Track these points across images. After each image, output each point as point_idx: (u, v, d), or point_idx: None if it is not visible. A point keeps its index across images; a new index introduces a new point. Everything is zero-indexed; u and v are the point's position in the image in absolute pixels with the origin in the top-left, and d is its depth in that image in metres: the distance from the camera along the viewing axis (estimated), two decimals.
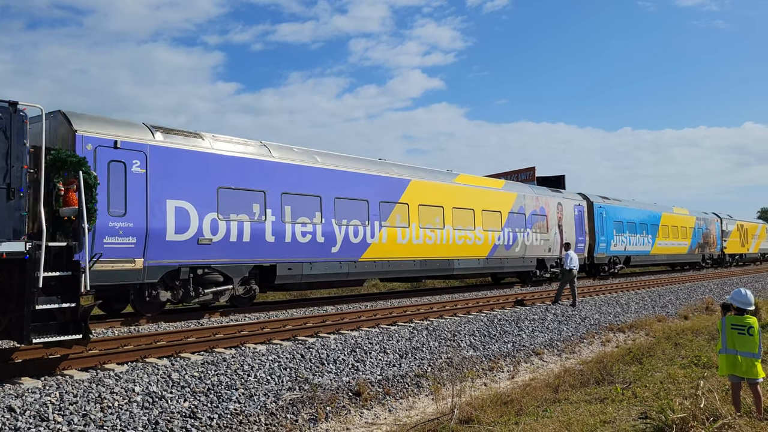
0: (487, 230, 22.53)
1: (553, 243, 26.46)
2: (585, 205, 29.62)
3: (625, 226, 32.56)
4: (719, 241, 46.88)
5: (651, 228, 35.70)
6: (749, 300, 6.75)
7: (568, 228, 27.63)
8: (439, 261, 20.31)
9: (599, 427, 6.73)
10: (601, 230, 30.02)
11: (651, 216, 36.28)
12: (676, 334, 14.37)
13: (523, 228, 24.61)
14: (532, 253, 25.20)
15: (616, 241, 31.44)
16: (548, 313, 16.23)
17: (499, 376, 11.24)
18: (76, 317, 7.87)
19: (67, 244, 8.00)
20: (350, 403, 8.82)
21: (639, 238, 34.19)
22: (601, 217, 30.37)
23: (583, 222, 28.93)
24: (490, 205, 23.10)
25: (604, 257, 30.60)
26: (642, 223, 34.69)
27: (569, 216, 27.93)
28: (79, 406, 7.01)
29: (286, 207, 15.57)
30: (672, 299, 22.01)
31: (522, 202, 24.95)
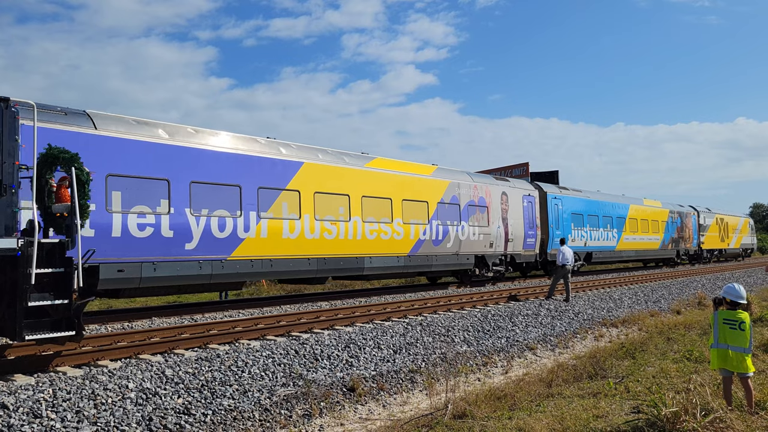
0: (409, 223, 19.67)
1: (496, 237, 23.74)
2: (537, 195, 26.94)
3: (585, 219, 29.94)
4: (696, 235, 44.01)
5: (617, 221, 33.08)
6: (742, 294, 6.80)
7: (515, 221, 25.01)
8: (343, 259, 17.38)
9: (592, 421, 6.76)
10: (556, 223, 27.45)
11: (617, 208, 33.64)
12: (668, 329, 14.45)
13: (457, 220, 21.71)
14: (469, 249, 22.26)
15: (574, 236, 28.71)
16: (542, 309, 16.29)
17: (493, 372, 11.28)
18: (69, 314, 7.85)
19: (59, 241, 7.97)
20: (344, 399, 8.83)
21: (602, 233, 31.49)
22: (556, 209, 27.76)
23: (533, 214, 26.27)
24: (414, 193, 20.12)
25: None
26: (606, 216, 32.04)
27: (517, 207, 25.26)
28: (73, 403, 7.00)
29: (114, 193, 12.56)
30: (665, 294, 22.12)
31: (456, 191, 21.94)
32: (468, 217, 22.32)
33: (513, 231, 24.70)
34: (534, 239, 26.26)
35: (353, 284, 24.58)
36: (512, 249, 24.76)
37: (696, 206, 45.21)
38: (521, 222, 25.40)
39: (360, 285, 25.02)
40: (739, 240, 54.27)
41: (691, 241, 42.94)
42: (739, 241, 54.25)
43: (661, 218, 38.52)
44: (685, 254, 42.63)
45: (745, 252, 56.55)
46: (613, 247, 32.58)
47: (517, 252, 25.12)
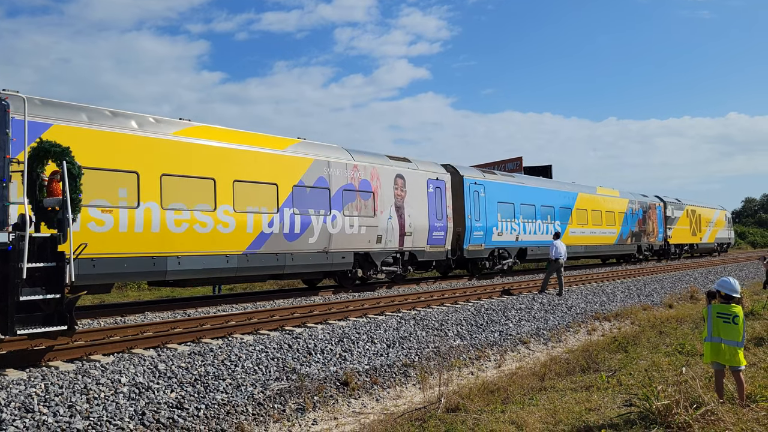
0: (244, 212, 15.28)
1: (387, 230, 19.44)
2: (448, 179, 22.56)
3: (517, 209, 25.98)
4: (661, 228, 40.03)
5: (560, 212, 29.10)
6: (736, 288, 6.83)
7: (416, 210, 20.64)
8: (128, 259, 12.93)
9: (584, 414, 6.79)
10: (476, 213, 23.36)
11: (560, 197, 29.54)
12: (660, 323, 14.52)
13: (326, 209, 17.49)
14: (345, 245, 18.03)
15: (501, 229, 24.78)
16: (535, 303, 16.33)
17: (486, 365, 11.31)
18: (61, 308, 7.81)
19: (51, 235, 7.92)
20: (338, 393, 8.84)
21: (540, 225, 27.48)
22: (477, 197, 23.55)
23: (443, 202, 21.93)
24: (254, 173, 15.66)
25: (482, 249, 23.78)
26: (546, 205, 28.04)
27: (419, 194, 20.85)
28: (65, 398, 6.97)
29: None
30: (657, 288, 22.22)
31: (323, 172, 17.59)
32: (343, 204, 18.04)
33: (413, 223, 20.35)
34: (443, 233, 21.85)
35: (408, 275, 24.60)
36: (412, 245, 20.45)
37: (663, 196, 41.57)
38: (425, 212, 21.01)
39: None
40: (714, 234, 50.07)
41: (655, 235, 39.06)
42: (714, 235, 50.07)
43: (618, 209, 34.62)
44: (649, 250, 38.61)
45: (720, 247, 52.30)
46: None
47: (419, 248, 20.83)
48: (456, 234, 22.70)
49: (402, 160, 20.90)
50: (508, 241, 25.31)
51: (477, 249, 23.50)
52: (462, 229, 22.84)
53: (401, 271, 20.46)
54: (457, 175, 23.26)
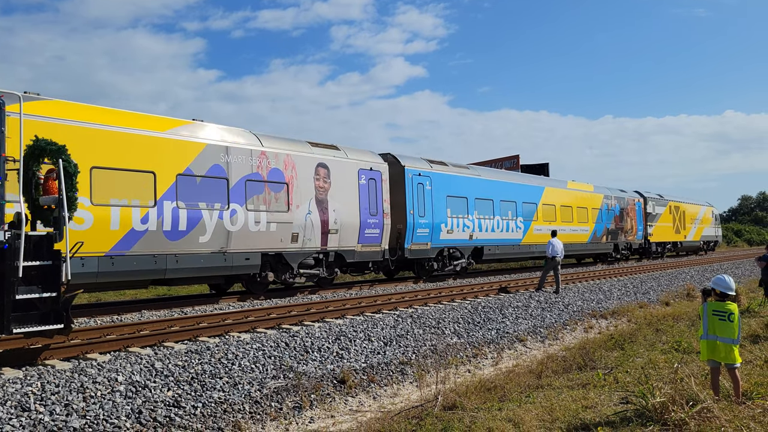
0: (107, 205, 12.68)
1: (305, 228, 16.91)
2: (385, 170, 19.94)
3: (471, 203, 23.40)
4: (641, 226, 37.49)
5: (524, 208, 26.72)
6: (731, 286, 6.85)
7: (344, 205, 18.13)
8: None
9: (581, 412, 6.80)
10: (420, 208, 20.81)
11: (523, 191, 27.03)
12: (657, 320, 14.55)
13: (223, 202, 14.87)
14: (250, 245, 15.47)
15: (452, 226, 22.22)
16: (532, 300, 16.35)
17: (483, 363, 11.32)
18: (57, 307, 7.80)
19: (47, 234, 7.90)
20: (335, 391, 8.84)
21: (500, 222, 24.93)
22: (422, 190, 20.99)
23: (378, 195, 19.39)
24: (120, 159, 13.06)
25: (428, 248, 21.23)
26: (506, 200, 25.59)
27: (348, 186, 18.35)
28: (62, 396, 6.96)
29: None
30: (654, 286, 22.26)
31: (219, 159, 14.94)
32: (246, 197, 15.48)
33: (339, 219, 17.88)
34: (379, 230, 19.25)
35: (343, 277, 24.49)
36: (338, 244, 17.96)
37: (644, 191, 39.10)
38: (355, 206, 18.51)
39: (351, 278, 24.96)
40: (700, 231, 47.18)
41: (634, 232, 36.50)
42: (700, 232, 47.17)
43: (592, 205, 32.15)
44: (627, 248, 36.18)
45: (707, 245, 49.55)
46: (518, 240, 26.25)
47: (348, 247, 18.34)
48: (396, 231, 20.25)
49: (327, 148, 18.30)
50: (460, 239, 22.72)
51: (421, 248, 20.94)
52: (403, 226, 20.28)
53: (326, 273, 17.93)
54: (398, 165, 20.69)
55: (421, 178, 21.22)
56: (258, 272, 16.10)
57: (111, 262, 12.68)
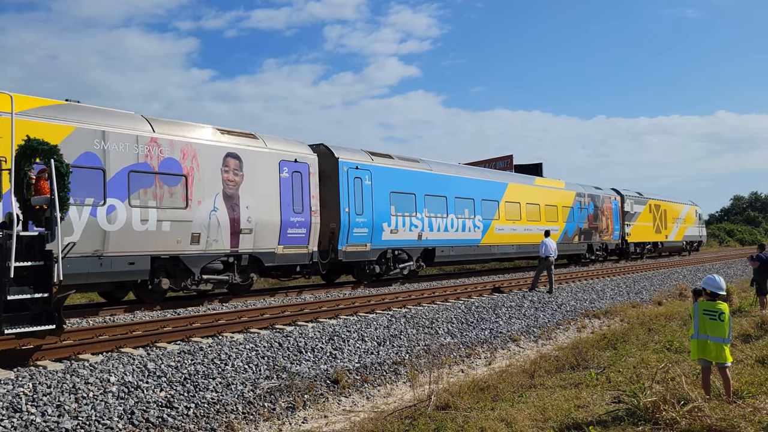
0: None
1: (209, 227, 14.72)
2: (314, 162, 17.69)
3: (420, 200, 21.29)
4: (618, 225, 35.41)
5: (484, 206, 24.43)
6: (721, 285, 6.90)
7: (260, 200, 15.87)
8: None
9: (573, 411, 6.83)
10: (357, 205, 18.74)
11: (483, 187, 24.75)
12: (649, 320, 14.61)
13: (98, 197, 12.71)
14: (135, 247, 13.30)
15: (396, 225, 20.04)
16: (525, 300, 16.39)
17: (477, 363, 11.34)
18: (49, 307, 7.77)
19: (39, 234, 7.87)
20: (328, 391, 8.84)
21: (455, 220, 22.69)
22: (359, 185, 18.92)
23: (305, 191, 17.09)
24: None
25: (367, 250, 19.11)
26: (462, 197, 23.28)
27: (266, 179, 16.11)
28: (53, 397, 6.94)
29: None
30: (646, 285, 22.36)
31: (92, 146, 12.76)
32: (130, 191, 13.27)
33: (254, 217, 15.63)
34: (305, 230, 17.06)
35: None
36: (254, 245, 15.67)
37: (622, 189, 37.38)
38: (275, 203, 16.25)
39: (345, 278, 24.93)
40: (682, 231, 45.10)
41: (610, 232, 34.37)
42: (682, 232, 45.08)
43: (562, 203, 30.00)
44: (603, 249, 34.17)
45: (690, 245, 47.46)
46: (477, 240, 23.96)
47: (266, 249, 16.06)
48: (329, 231, 18.20)
49: (241, 136, 15.99)
50: (406, 240, 20.56)
51: (359, 250, 18.84)
52: (337, 226, 18.19)
53: (239, 279, 15.77)
54: (331, 157, 18.52)
55: (359, 172, 19.01)
56: (148, 279, 13.85)
57: None
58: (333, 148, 18.88)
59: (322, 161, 18.31)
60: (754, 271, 15.16)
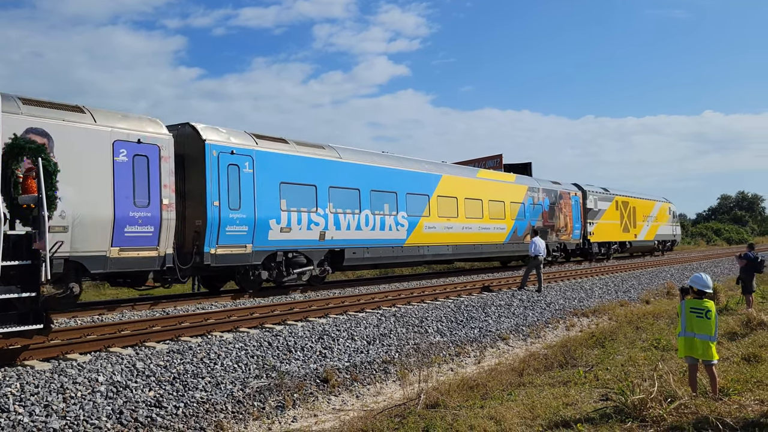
0: None
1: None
2: (168, 145, 13.91)
3: (323, 194, 17.92)
4: (578, 223, 32.07)
5: (409, 200, 20.99)
6: (708, 283, 6.97)
7: (83, 190, 12.30)
8: None
9: (562, 409, 6.87)
10: (232, 199, 15.36)
11: (408, 180, 21.26)
12: (637, 318, 14.73)
13: None
14: None
15: (289, 222, 16.76)
16: (514, 299, 16.46)
17: (466, 362, 11.38)
18: (36, 307, 7.72)
19: (26, 233, 7.82)
20: (318, 390, 8.85)
21: (370, 218, 19.38)
22: (236, 173, 15.53)
23: (153, 179, 13.65)
24: None
25: (247, 253, 15.76)
26: (380, 190, 19.88)
27: (95, 165, 12.73)
28: (41, 397, 6.90)
29: None
30: (634, 284, 22.51)
31: None
32: None
33: (72, 211, 12.09)
34: (153, 228, 13.60)
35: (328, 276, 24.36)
36: (71, 247, 12.13)
37: (584, 184, 34.25)
38: (107, 193, 12.85)
39: (335, 276, 24.89)
40: (654, 230, 41.92)
41: (569, 231, 31.10)
42: (654, 231, 41.89)
43: (512, 198, 27.04)
44: (561, 249, 30.86)
45: (662, 245, 44.41)
46: (401, 240, 20.58)
47: (93, 252, 12.59)
48: (194, 230, 14.91)
49: (56, 108, 12.56)
50: (304, 240, 17.29)
51: (235, 252, 15.47)
52: (203, 223, 14.81)
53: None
54: (196, 140, 15.08)
55: (235, 158, 15.59)
56: None
57: None
58: (201, 127, 15.38)
59: (185, 143, 15.11)
60: (741, 269, 15.31)
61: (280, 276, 16.92)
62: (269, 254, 16.48)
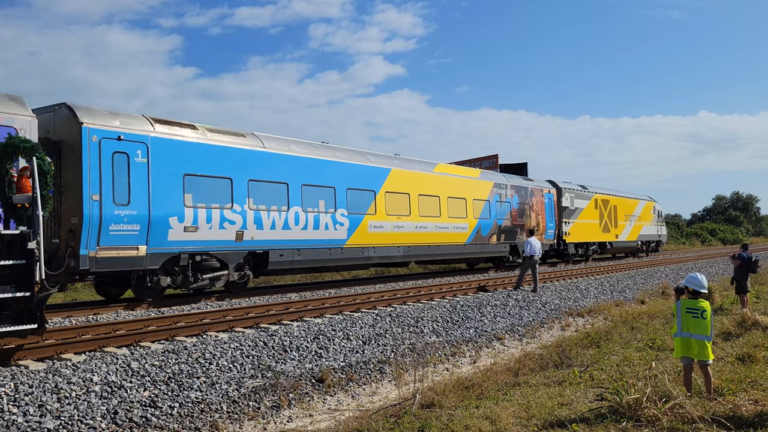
0: None
1: None
2: (27, 127, 11.22)
3: (241, 188, 15.70)
4: (552, 223, 30.36)
5: (350, 196, 18.85)
6: (703, 284, 6.99)
7: None
8: None
9: (557, 409, 6.88)
10: (119, 192, 13.24)
11: (348, 173, 19.05)
12: (632, 318, 14.75)
13: None
14: None
15: (195, 220, 14.60)
16: (510, 299, 16.47)
17: (462, 362, 11.39)
18: (30, 306, 7.69)
19: (20, 232, 7.79)
20: (313, 390, 8.84)
21: (301, 215, 17.17)
22: (124, 163, 13.38)
23: None
24: None
25: (139, 256, 13.56)
26: (313, 185, 17.71)
27: None
28: (35, 397, 6.87)
29: None
30: (630, 284, 22.55)
31: None
32: None
33: None
34: None
35: (323, 276, 24.41)
36: None
37: (561, 182, 32.54)
38: None
39: (330, 276, 24.91)
40: (637, 230, 39.90)
41: (542, 231, 29.34)
42: (637, 231, 39.88)
43: (474, 195, 24.84)
44: None
45: (646, 246, 42.23)
46: (341, 240, 18.48)
47: None
48: (68, 229, 12.82)
49: None
50: (216, 240, 15.06)
51: (123, 255, 13.29)
52: (79, 220, 12.64)
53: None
54: (72, 123, 12.96)
55: (123, 145, 13.39)
56: None
57: None
58: (79, 108, 13.19)
59: (61, 128, 13.18)
60: (735, 269, 15.35)
61: (186, 282, 14.79)
62: (170, 257, 14.31)
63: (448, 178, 23.87)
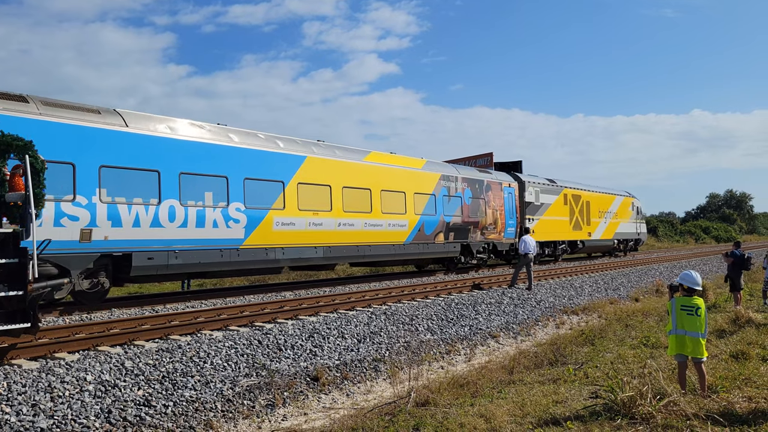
0: None
1: None
2: None
3: (89, 175, 12.70)
4: (512, 220, 27.19)
5: (248, 188, 15.83)
6: (698, 281, 7.00)
7: None
8: None
9: (552, 407, 6.89)
10: None
11: (247, 161, 16.01)
12: (627, 316, 14.79)
13: None
14: None
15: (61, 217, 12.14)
16: (504, 297, 16.49)
17: (456, 359, 11.39)
18: (24, 305, 7.65)
19: (13, 231, 7.75)
20: (308, 388, 8.83)
21: (178, 210, 14.16)
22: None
23: None
24: None
25: None
26: (200, 174, 14.72)
27: None
28: (29, 396, 6.84)
29: None
30: (624, 282, 22.62)
31: None
32: None
33: None
34: None
35: (317, 274, 24.37)
36: None
37: (526, 175, 29.92)
38: None
39: (325, 275, 24.86)
40: (612, 228, 36.67)
41: (500, 228, 26.18)
42: (612, 229, 36.65)
43: (416, 188, 21.81)
44: (488, 250, 25.85)
45: (623, 245, 39.04)
46: (238, 241, 15.56)
47: None
48: None
49: None
50: (57, 240, 11.67)
51: None
52: None
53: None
54: None
55: None
56: None
57: None
58: None
59: None
60: (729, 267, 15.40)
61: None
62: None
63: (383, 168, 20.70)
